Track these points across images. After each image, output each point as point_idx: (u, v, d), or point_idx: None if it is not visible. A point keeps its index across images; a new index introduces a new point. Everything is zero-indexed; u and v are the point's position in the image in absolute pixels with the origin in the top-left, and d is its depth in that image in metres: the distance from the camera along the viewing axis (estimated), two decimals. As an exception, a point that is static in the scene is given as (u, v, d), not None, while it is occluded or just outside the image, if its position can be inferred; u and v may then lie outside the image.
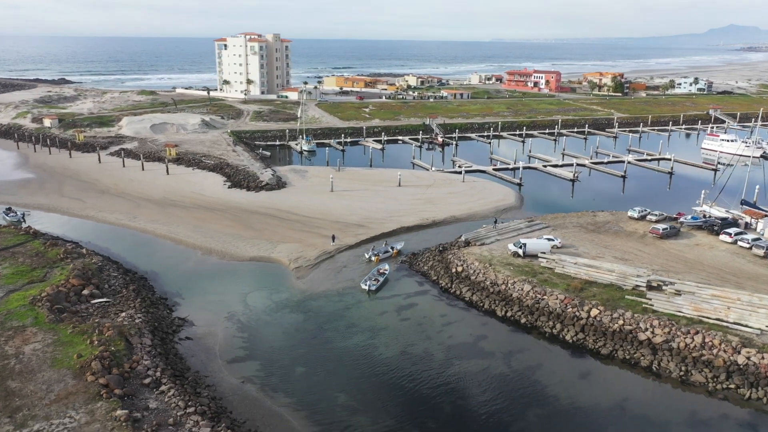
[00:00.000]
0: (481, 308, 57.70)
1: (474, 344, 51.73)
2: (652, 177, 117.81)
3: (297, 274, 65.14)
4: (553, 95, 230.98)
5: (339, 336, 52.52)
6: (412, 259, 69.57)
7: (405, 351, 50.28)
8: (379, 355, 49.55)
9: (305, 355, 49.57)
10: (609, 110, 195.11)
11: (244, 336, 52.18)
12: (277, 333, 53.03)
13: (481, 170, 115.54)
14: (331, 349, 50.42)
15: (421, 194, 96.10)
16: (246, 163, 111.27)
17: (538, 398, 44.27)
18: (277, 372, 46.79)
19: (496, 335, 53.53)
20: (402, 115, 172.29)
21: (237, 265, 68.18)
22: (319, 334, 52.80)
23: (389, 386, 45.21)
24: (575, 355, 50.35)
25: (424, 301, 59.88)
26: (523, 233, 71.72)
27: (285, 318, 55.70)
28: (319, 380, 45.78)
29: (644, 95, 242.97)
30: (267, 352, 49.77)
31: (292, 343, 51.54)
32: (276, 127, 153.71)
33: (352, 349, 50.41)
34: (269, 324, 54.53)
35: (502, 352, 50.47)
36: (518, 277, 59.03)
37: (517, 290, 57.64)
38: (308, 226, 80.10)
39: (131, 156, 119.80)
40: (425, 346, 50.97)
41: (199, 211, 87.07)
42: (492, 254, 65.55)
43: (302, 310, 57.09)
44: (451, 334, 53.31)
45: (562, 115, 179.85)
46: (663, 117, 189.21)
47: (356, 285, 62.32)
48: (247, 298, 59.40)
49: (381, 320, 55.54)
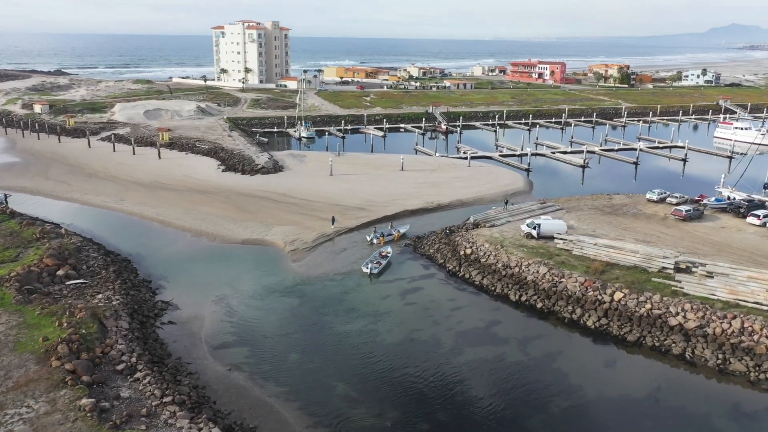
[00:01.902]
0: (492, 292, 52.85)
1: (486, 330, 46.89)
2: (666, 164, 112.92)
3: (293, 257, 60.32)
4: (558, 86, 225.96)
5: (337, 321, 47.71)
6: (416, 242, 64.75)
7: (410, 337, 45.46)
8: (381, 341, 44.73)
9: (300, 341, 44.76)
10: (616, 100, 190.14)
11: (233, 321, 47.36)
12: (270, 318, 48.22)
13: (487, 156, 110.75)
14: (328, 335, 45.61)
15: (425, 178, 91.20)
16: (242, 148, 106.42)
17: (560, 389, 39.42)
18: (268, 359, 41.96)
19: (509, 321, 48.67)
20: (404, 104, 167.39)
21: (228, 247, 63.37)
22: (316, 319, 47.99)
23: (392, 375, 40.37)
24: (598, 342, 45.48)
25: (430, 284, 55.05)
26: (535, 215, 66.81)
27: (279, 302, 50.89)
28: (314, 368, 40.94)
29: (651, 87, 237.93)
30: (258, 338, 44.94)
31: (285, 328, 46.73)
32: (274, 114, 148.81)
33: (352, 335, 45.61)
34: (261, 308, 49.71)
35: (517, 339, 45.61)
36: (533, 259, 54.18)
37: (532, 273, 52.80)
38: (306, 209, 75.27)
39: (123, 141, 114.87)
40: (432, 333, 46.13)
41: (191, 194, 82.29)
42: (503, 236, 60.69)
43: (298, 294, 52.28)
44: (461, 319, 48.47)
45: (568, 105, 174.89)
46: (672, 107, 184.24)
47: (357, 268, 57.53)
48: (238, 281, 54.58)
49: (383, 305, 50.71)
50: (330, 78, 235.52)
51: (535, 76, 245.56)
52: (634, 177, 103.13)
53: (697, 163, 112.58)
